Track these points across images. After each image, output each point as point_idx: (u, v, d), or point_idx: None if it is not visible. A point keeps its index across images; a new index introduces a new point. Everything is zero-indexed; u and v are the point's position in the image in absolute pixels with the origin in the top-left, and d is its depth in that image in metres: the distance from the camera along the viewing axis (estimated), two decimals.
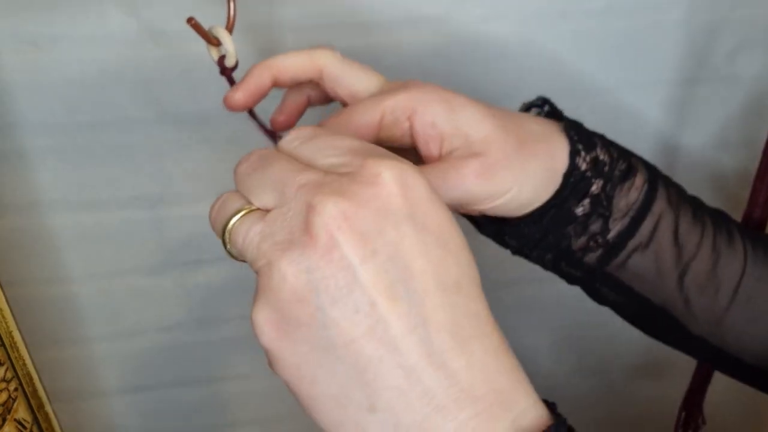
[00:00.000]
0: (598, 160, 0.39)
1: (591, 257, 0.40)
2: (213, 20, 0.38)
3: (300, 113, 0.41)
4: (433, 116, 0.35)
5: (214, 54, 0.38)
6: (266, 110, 0.41)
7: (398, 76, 0.53)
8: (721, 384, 0.56)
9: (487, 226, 0.41)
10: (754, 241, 0.42)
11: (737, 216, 0.55)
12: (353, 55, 0.51)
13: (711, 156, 0.63)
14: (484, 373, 0.26)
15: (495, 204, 0.37)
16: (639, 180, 0.40)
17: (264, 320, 0.26)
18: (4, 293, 0.41)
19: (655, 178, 0.41)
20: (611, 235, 0.40)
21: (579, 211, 0.39)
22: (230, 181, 0.56)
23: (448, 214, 0.27)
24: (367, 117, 0.36)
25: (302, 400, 0.26)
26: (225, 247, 0.29)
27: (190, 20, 0.36)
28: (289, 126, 0.41)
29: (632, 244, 0.40)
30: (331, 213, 0.25)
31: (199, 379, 0.65)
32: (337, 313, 0.25)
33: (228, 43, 0.37)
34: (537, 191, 0.37)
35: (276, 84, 0.38)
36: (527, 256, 0.42)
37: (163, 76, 0.49)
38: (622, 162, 0.40)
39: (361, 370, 0.25)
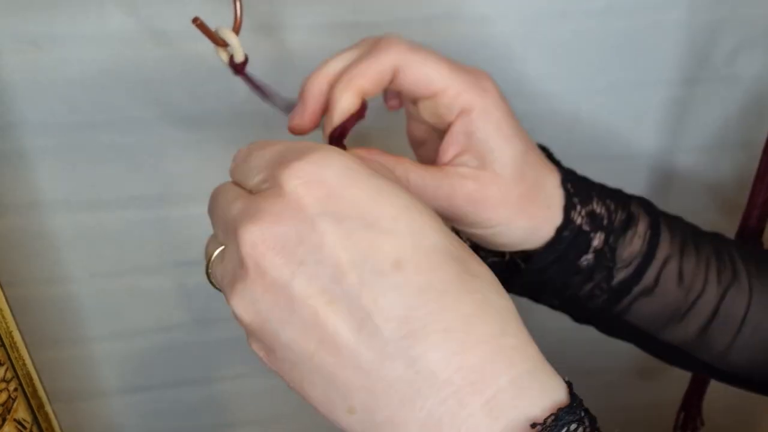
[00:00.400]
0: (594, 214, 0.39)
1: (596, 302, 0.41)
2: (215, 20, 0.38)
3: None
4: (477, 129, 0.35)
5: (224, 56, 0.37)
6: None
7: None
8: (719, 385, 0.56)
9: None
10: (758, 269, 0.42)
11: (736, 218, 0.55)
12: None
13: (710, 156, 0.63)
14: (447, 353, 0.24)
15: (476, 232, 0.37)
16: (641, 227, 0.40)
17: (255, 349, 0.28)
18: (4, 293, 0.41)
19: (657, 222, 0.41)
20: (615, 282, 0.40)
21: (583, 263, 0.39)
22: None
23: (369, 189, 0.25)
24: (437, 80, 0.34)
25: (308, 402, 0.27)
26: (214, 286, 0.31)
27: (195, 20, 0.35)
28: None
29: (637, 290, 0.40)
30: (250, 241, 0.25)
31: (199, 379, 0.65)
32: (290, 334, 0.25)
33: (232, 39, 0.36)
34: (523, 238, 0.37)
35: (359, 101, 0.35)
36: (535, 300, 0.42)
37: (164, 75, 0.49)
38: (622, 212, 0.40)
39: (331, 378, 0.25)
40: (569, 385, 0.26)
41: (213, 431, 0.70)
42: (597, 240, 0.39)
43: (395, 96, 0.39)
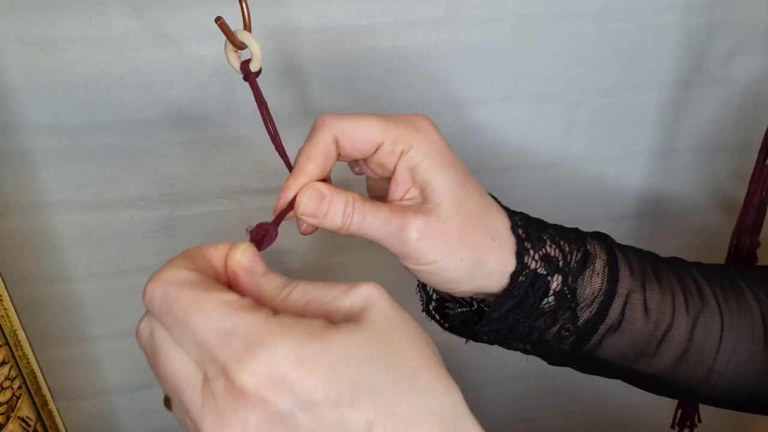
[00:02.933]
0: (549, 257, 0.39)
1: (565, 343, 0.41)
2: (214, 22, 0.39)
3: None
4: (416, 164, 0.36)
5: (234, 60, 0.36)
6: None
7: (398, 77, 0.53)
8: None
9: (457, 327, 0.42)
10: (724, 290, 0.42)
11: (733, 218, 0.55)
12: (353, 57, 0.52)
13: (706, 157, 0.63)
14: None
15: (421, 268, 0.36)
16: (599, 265, 0.40)
17: None
18: (8, 293, 0.41)
19: (614, 257, 0.41)
20: (581, 321, 0.40)
21: (545, 307, 0.39)
22: (230, 181, 0.56)
23: (325, 368, 0.25)
24: (372, 134, 0.35)
25: None
26: None
27: (217, 20, 0.33)
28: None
29: (603, 327, 0.40)
30: None
31: None
32: None
33: (254, 46, 0.35)
34: (468, 272, 0.37)
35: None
36: (506, 347, 0.42)
37: (165, 77, 0.49)
38: (577, 252, 0.40)
39: None
40: None
41: None
42: (555, 282, 0.39)
43: (354, 163, 0.39)
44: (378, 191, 0.40)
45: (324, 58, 0.51)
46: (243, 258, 0.30)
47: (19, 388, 0.43)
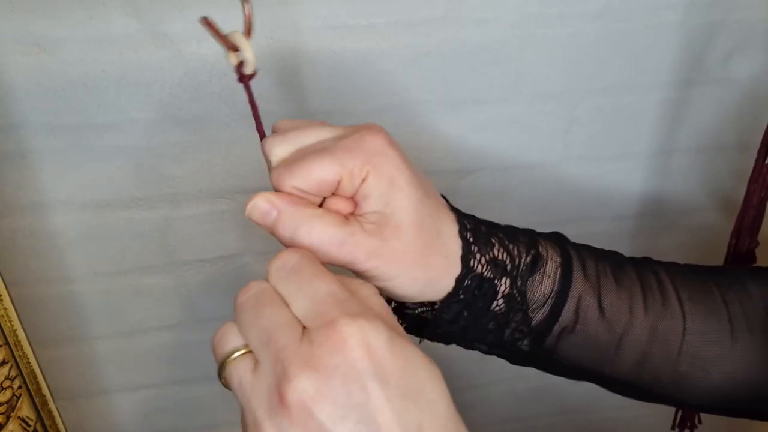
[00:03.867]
0: (497, 260, 0.39)
1: (521, 344, 0.41)
2: (219, 24, 0.39)
3: None
4: (373, 190, 0.36)
5: (233, 59, 0.35)
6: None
7: (398, 77, 0.53)
8: None
9: (410, 328, 0.42)
10: (689, 292, 0.42)
11: (732, 217, 0.55)
12: (353, 57, 0.52)
13: (706, 157, 0.63)
14: None
15: (376, 283, 0.37)
16: (550, 267, 0.40)
17: None
18: (8, 292, 0.41)
19: (568, 259, 0.41)
20: (534, 323, 0.40)
21: (495, 309, 0.40)
22: (230, 181, 0.56)
23: (407, 360, 0.29)
24: (329, 175, 0.35)
25: None
26: (219, 378, 0.32)
27: (203, 20, 0.33)
28: None
29: (557, 328, 0.40)
30: (303, 387, 0.28)
31: (201, 377, 0.66)
32: None
33: (247, 50, 0.34)
34: (420, 290, 0.38)
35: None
36: (464, 347, 0.42)
37: (165, 77, 0.49)
38: (526, 255, 0.40)
39: None
40: None
41: (215, 429, 0.70)
42: (503, 286, 0.39)
43: None
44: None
45: (324, 58, 0.51)
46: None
47: (19, 387, 0.43)
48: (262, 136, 0.37)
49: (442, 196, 0.41)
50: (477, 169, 0.60)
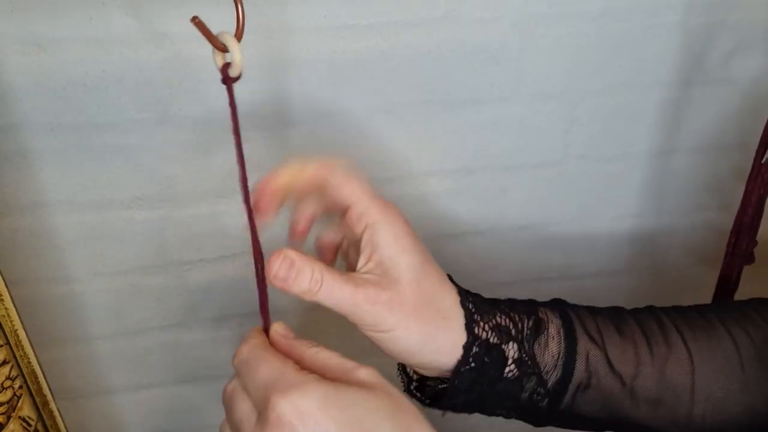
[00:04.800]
0: (500, 327, 0.42)
1: (541, 405, 0.43)
2: (215, 24, 0.39)
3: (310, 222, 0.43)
4: (380, 238, 0.39)
5: (219, 60, 0.36)
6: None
7: (398, 77, 0.53)
8: None
9: (432, 401, 0.44)
10: (693, 331, 0.43)
11: (731, 216, 0.55)
12: (353, 57, 0.52)
13: (706, 157, 0.64)
14: None
15: (374, 335, 0.39)
16: (553, 329, 0.43)
17: None
18: (9, 292, 0.41)
19: (568, 320, 0.43)
20: (550, 384, 0.42)
21: (509, 375, 0.42)
22: (231, 181, 0.56)
23: (343, 406, 0.33)
24: (342, 199, 0.40)
25: None
26: None
27: (193, 19, 0.34)
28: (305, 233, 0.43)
29: (572, 386, 0.42)
30: None
31: (202, 376, 0.66)
32: None
33: (236, 52, 0.35)
34: (418, 345, 0.40)
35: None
36: (486, 414, 0.44)
37: (165, 77, 0.49)
38: (528, 320, 0.43)
39: None
40: None
41: (215, 429, 0.70)
42: (512, 350, 0.42)
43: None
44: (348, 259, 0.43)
45: (324, 58, 0.51)
46: (279, 329, 0.39)
47: (20, 387, 0.43)
48: (238, 139, 0.38)
49: (448, 275, 0.43)
50: (477, 169, 0.60)
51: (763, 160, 0.51)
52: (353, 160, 0.41)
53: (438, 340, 0.40)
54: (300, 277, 0.38)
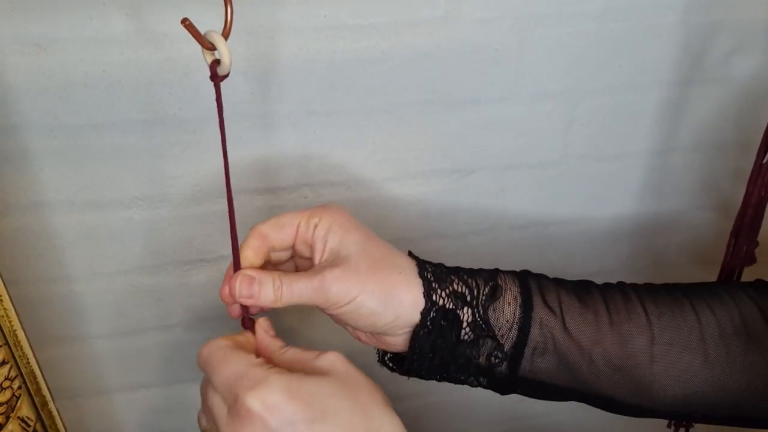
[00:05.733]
0: (457, 293, 0.45)
1: (501, 369, 0.45)
2: (215, 25, 0.39)
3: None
4: (328, 230, 0.44)
5: (208, 57, 0.37)
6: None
7: (398, 77, 0.53)
8: None
9: (397, 368, 0.48)
10: (657, 305, 0.45)
11: (732, 216, 0.55)
12: (353, 57, 0.52)
13: (705, 156, 0.64)
14: None
15: (341, 311, 0.43)
16: (509, 295, 0.45)
17: None
18: (8, 292, 0.41)
19: (527, 288, 0.45)
20: (507, 348, 0.45)
21: (465, 338, 0.44)
22: (231, 181, 0.56)
23: (307, 394, 0.37)
24: (291, 219, 0.44)
25: None
26: None
27: (184, 21, 0.35)
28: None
29: (528, 350, 0.44)
30: None
31: (200, 376, 0.66)
32: None
33: (223, 50, 0.36)
34: (382, 305, 0.43)
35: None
36: (455, 382, 0.47)
37: (165, 78, 0.49)
38: (485, 286, 0.45)
39: None
40: None
41: None
42: (466, 314, 0.44)
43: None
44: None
45: (324, 59, 0.51)
46: (263, 323, 0.43)
47: (19, 388, 0.43)
48: (223, 135, 0.40)
49: (411, 253, 0.46)
50: (477, 169, 0.60)
51: (764, 161, 0.51)
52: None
53: (399, 293, 0.43)
54: (263, 288, 0.42)
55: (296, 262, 0.47)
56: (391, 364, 0.49)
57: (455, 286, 0.45)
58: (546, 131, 0.59)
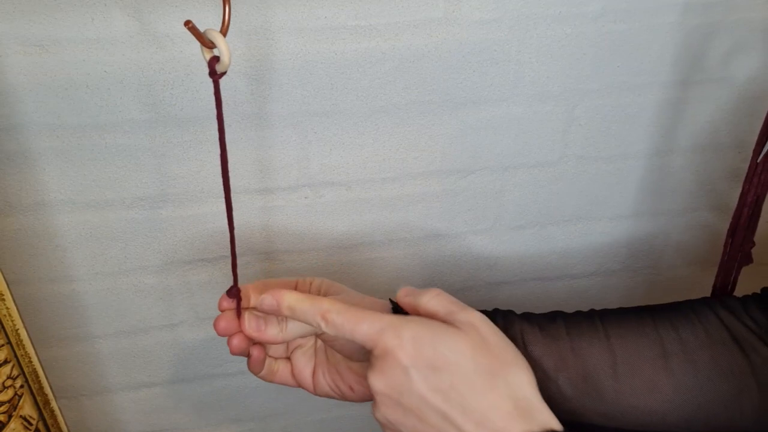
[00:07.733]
0: None
1: None
2: (216, 25, 0.39)
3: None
4: (321, 285, 0.49)
5: (207, 55, 0.37)
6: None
7: (398, 77, 0.53)
8: None
9: None
10: (621, 327, 0.47)
11: (728, 216, 0.55)
12: (353, 57, 0.52)
13: (703, 157, 0.64)
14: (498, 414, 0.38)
15: (343, 339, 0.45)
16: None
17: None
18: (10, 292, 0.42)
19: (494, 315, 0.48)
20: None
21: None
22: (231, 181, 0.56)
23: (435, 343, 0.40)
24: (288, 282, 0.50)
25: None
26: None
27: (187, 23, 0.35)
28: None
29: None
30: (376, 387, 0.40)
31: (202, 375, 0.66)
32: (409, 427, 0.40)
33: (223, 48, 0.36)
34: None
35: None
36: None
37: (166, 78, 0.50)
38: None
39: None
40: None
41: (216, 427, 0.70)
42: None
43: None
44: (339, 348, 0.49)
45: (324, 59, 0.51)
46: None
47: (21, 387, 0.43)
48: (222, 133, 0.40)
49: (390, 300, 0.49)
50: (477, 169, 0.60)
51: (759, 159, 0.51)
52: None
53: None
54: (269, 325, 0.45)
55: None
56: None
57: None
58: (545, 132, 0.59)
